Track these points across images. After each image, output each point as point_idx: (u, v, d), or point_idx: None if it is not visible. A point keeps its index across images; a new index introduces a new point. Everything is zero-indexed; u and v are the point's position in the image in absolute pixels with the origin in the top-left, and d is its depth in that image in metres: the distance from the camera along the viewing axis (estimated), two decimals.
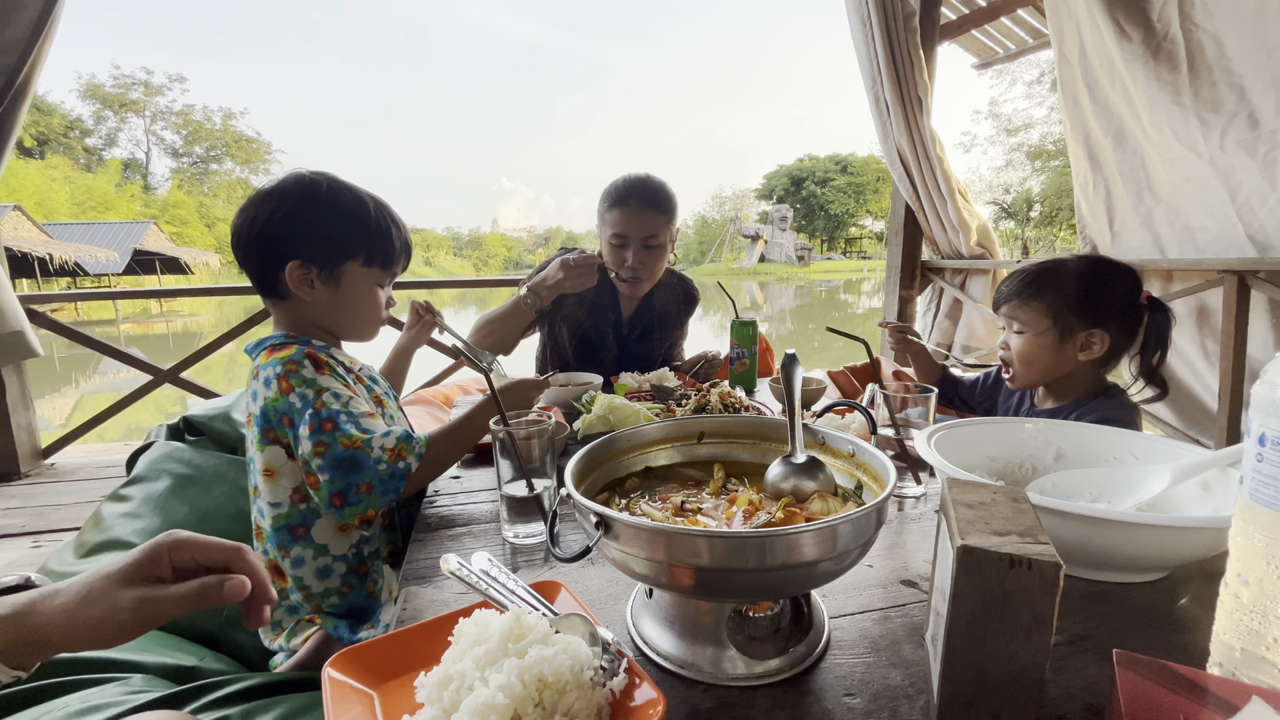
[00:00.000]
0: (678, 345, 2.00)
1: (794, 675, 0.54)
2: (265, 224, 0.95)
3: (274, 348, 0.96)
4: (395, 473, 0.89)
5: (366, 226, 1.00)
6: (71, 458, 3.02)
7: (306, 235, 0.96)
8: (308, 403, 0.89)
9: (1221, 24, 1.88)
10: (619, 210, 1.64)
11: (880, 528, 0.51)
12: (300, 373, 0.91)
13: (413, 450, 0.91)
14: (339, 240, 0.99)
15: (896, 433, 0.93)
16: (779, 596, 0.55)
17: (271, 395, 0.91)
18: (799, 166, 65.18)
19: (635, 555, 0.49)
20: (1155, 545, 0.62)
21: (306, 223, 0.96)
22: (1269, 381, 0.43)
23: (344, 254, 0.99)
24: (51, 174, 32.32)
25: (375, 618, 0.96)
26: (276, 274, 0.97)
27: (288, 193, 0.96)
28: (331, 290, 1.00)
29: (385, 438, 0.91)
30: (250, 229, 0.96)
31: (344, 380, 0.97)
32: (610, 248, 1.68)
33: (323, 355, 0.96)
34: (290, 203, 0.96)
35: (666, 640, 0.57)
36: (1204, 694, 0.41)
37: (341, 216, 0.99)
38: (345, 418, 0.89)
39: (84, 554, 1.21)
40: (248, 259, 0.98)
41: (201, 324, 18.19)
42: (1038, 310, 1.20)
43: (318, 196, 0.97)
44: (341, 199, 0.99)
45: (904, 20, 2.83)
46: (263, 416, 0.93)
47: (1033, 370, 1.23)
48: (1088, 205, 2.54)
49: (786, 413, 0.67)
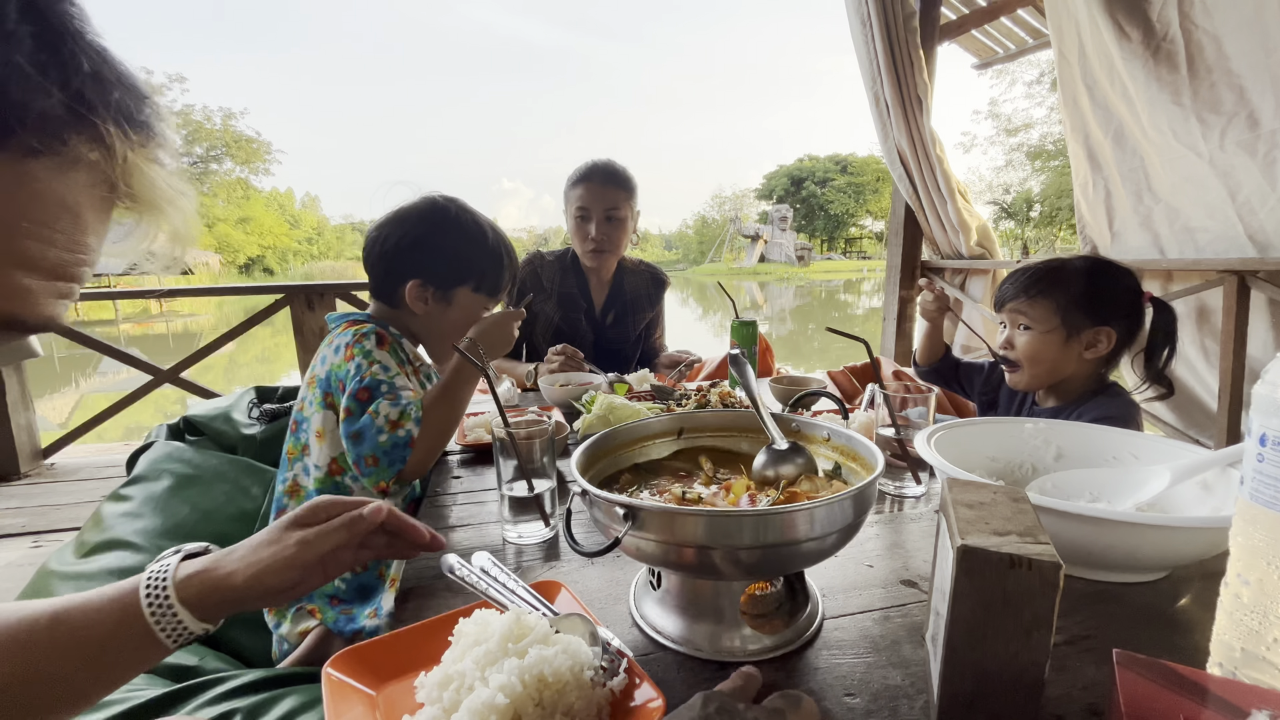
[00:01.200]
0: (655, 332, 2.04)
1: (790, 651, 0.57)
2: (396, 245, 1.05)
3: (354, 321, 1.05)
4: (397, 441, 0.91)
5: (484, 255, 1.10)
6: (71, 458, 3.02)
7: (430, 259, 1.06)
8: (360, 370, 0.95)
9: (1221, 24, 1.88)
10: (582, 186, 1.79)
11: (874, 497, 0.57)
12: (363, 343, 0.98)
13: (409, 417, 0.93)
14: (458, 266, 1.08)
15: (896, 433, 0.93)
16: (801, 568, 0.59)
17: (337, 361, 0.98)
18: (799, 166, 65.19)
19: (662, 541, 0.51)
20: (1155, 545, 0.62)
21: (432, 248, 1.06)
22: (1269, 381, 0.43)
23: (460, 279, 1.09)
24: None
25: (377, 603, 0.96)
26: (397, 288, 1.07)
27: (418, 214, 1.07)
28: (442, 309, 1.09)
29: (391, 411, 0.93)
30: (380, 246, 1.06)
31: (402, 359, 1.03)
32: (575, 222, 1.81)
33: (390, 337, 1.03)
34: (420, 227, 1.06)
35: (669, 620, 0.59)
36: (1204, 694, 0.41)
37: (463, 244, 1.08)
38: (386, 387, 0.94)
39: (84, 554, 1.21)
40: (373, 270, 1.09)
41: (201, 324, 18.19)
42: (1046, 308, 1.20)
43: (445, 223, 1.07)
44: (466, 228, 1.08)
45: (904, 20, 2.83)
46: (325, 380, 0.99)
47: (1039, 368, 1.23)
48: (1087, 205, 2.54)
49: (750, 406, 0.72)
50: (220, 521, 1.23)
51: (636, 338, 1.97)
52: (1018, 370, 1.26)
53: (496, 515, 0.89)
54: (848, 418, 1.09)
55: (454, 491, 0.99)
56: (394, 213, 1.08)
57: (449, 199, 1.10)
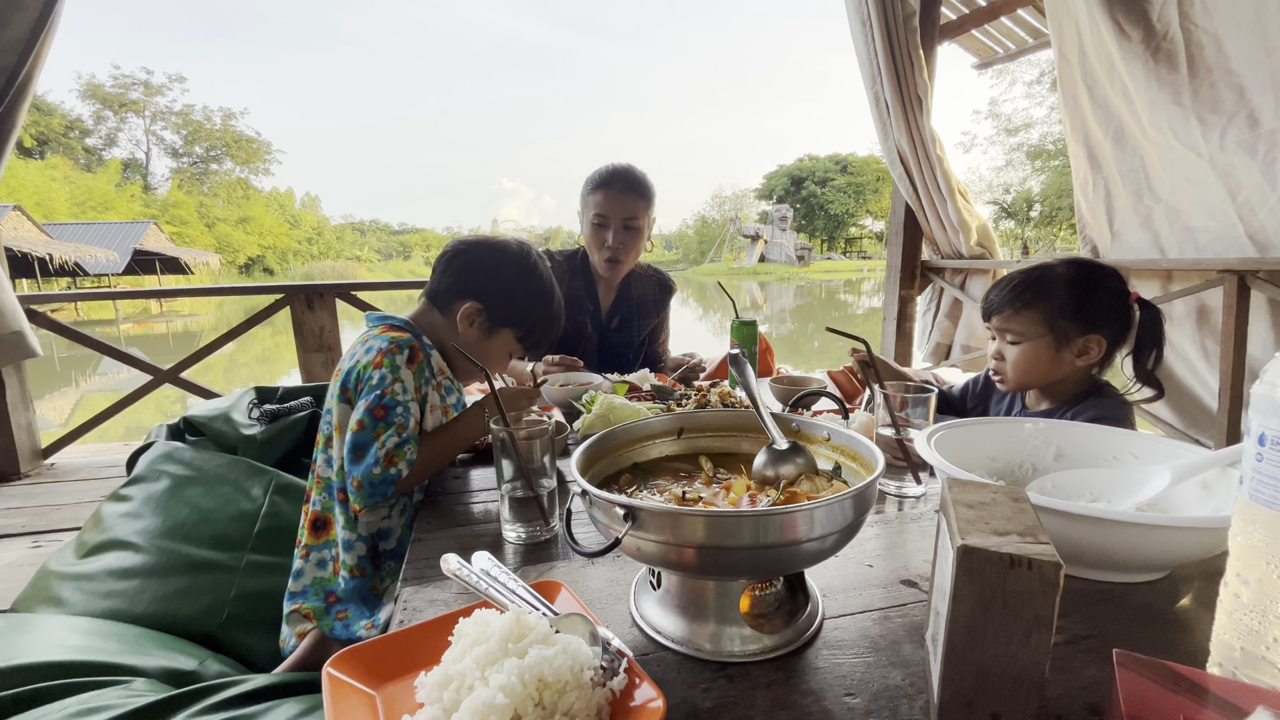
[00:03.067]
0: (660, 337, 2.03)
1: (790, 651, 0.57)
2: (480, 264, 1.12)
3: (392, 326, 1.07)
4: (386, 478, 0.92)
5: (543, 311, 1.16)
6: (71, 458, 3.02)
7: (498, 291, 1.11)
8: (383, 383, 0.97)
9: (1221, 24, 1.89)
10: (602, 193, 1.75)
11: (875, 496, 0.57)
12: (395, 356, 0.99)
13: (404, 456, 0.94)
14: (516, 310, 1.14)
15: (897, 433, 0.93)
16: (801, 568, 0.59)
17: (366, 361, 0.99)
18: (799, 166, 65.14)
19: (662, 542, 0.51)
20: (1155, 545, 0.62)
21: (505, 284, 1.12)
22: (1269, 381, 0.43)
23: (513, 322, 1.14)
24: (51, 174, 32.29)
25: (376, 616, 0.97)
26: (455, 300, 1.11)
27: (509, 252, 1.14)
28: (481, 338, 1.13)
29: (392, 442, 0.93)
30: (464, 257, 1.12)
31: (426, 378, 1.05)
32: (592, 228, 1.78)
33: (422, 353, 1.05)
34: (504, 260, 1.13)
35: (669, 620, 0.59)
36: (1204, 694, 0.41)
37: (531, 294, 1.15)
38: (400, 411, 0.96)
39: (84, 554, 1.21)
40: (443, 275, 1.13)
41: (201, 324, 18.19)
42: (1031, 319, 1.18)
43: (526, 268, 1.14)
44: (540, 281, 1.16)
45: (904, 20, 2.83)
46: (349, 375, 1.01)
47: (1029, 378, 1.23)
48: (1087, 205, 2.54)
49: (750, 406, 0.71)
50: (220, 521, 1.23)
51: (640, 343, 1.96)
52: (1008, 379, 1.25)
53: (496, 515, 0.89)
54: (848, 418, 1.09)
55: (454, 491, 0.99)
56: (493, 240, 1.16)
57: (541, 253, 1.20)
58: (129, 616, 1.08)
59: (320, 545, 1.04)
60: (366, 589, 1.00)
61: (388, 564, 1.02)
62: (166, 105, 47.96)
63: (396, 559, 1.02)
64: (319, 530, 1.04)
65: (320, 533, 1.04)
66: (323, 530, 1.05)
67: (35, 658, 0.84)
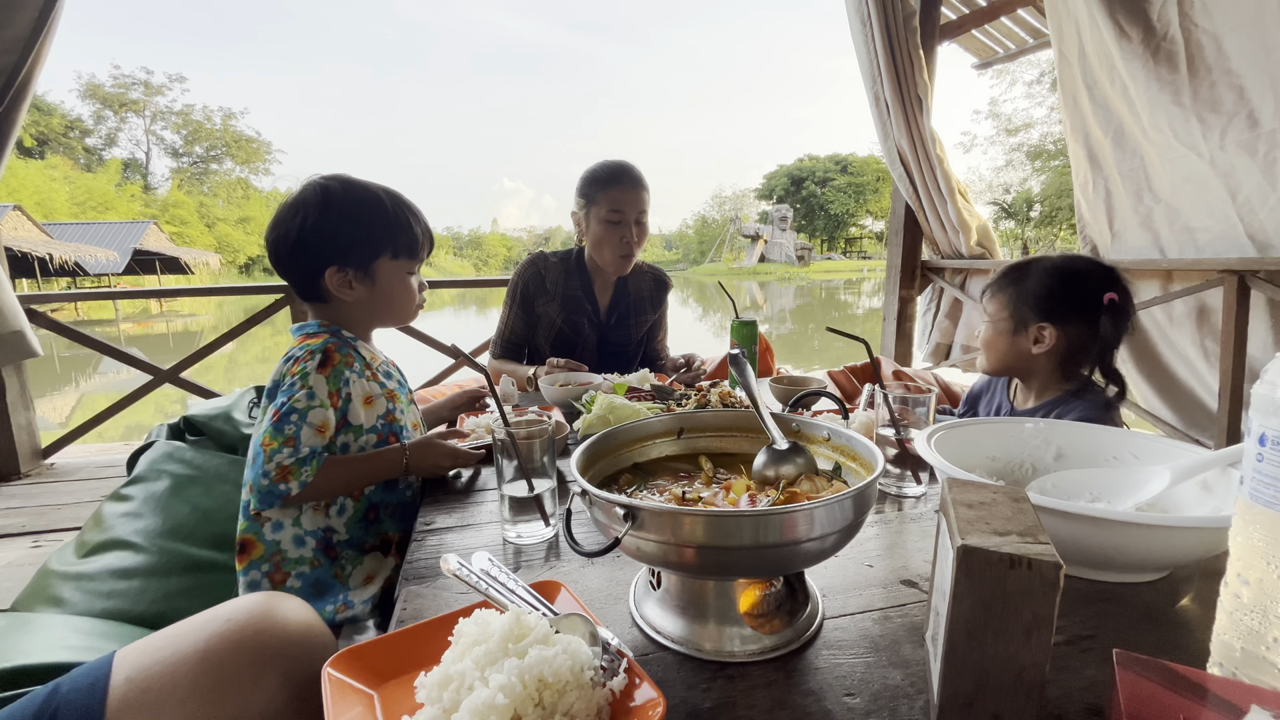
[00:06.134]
0: (658, 335, 2.03)
1: (790, 651, 0.57)
2: (298, 236, 1.02)
3: (309, 334, 1.04)
4: (274, 491, 0.92)
5: (387, 220, 1.06)
6: (71, 458, 3.02)
7: (336, 240, 1.03)
8: (292, 390, 0.95)
9: (1221, 24, 1.88)
10: (615, 189, 1.73)
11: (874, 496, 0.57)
12: (306, 364, 0.97)
13: (298, 476, 0.92)
14: (366, 239, 1.05)
15: (897, 433, 0.93)
16: (801, 568, 0.59)
17: (283, 370, 0.98)
18: (799, 166, 65.14)
19: (662, 542, 0.51)
20: (1155, 545, 0.62)
21: (333, 228, 1.03)
22: (1269, 381, 0.43)
23: (374, 251, 1.06)
24: (51, 174, 32.26)
25: (346, 598, 0.96)
26: (317, 280, 1.04)
27: (309, 202, 1.03)
28: (369, 287, 1.07)
29: (286, 455, 0.92)
30: (285, 242, 1.04)
31: (351, 375, 1.01)
32: (606, 225, 1.75)
33: (339, 353, 1.00)
34: (314, 211, 1.02)
35: (669, 620, 0.59)
36: (1204, 694, 0.41)
37: (362, 215, 1.05)
38: (296, 417, 0.94)
39: (84, 554, 1.21)
40: (289, 270, 1.06)
41: (201, 324, 18.19)
42: (1001, 302, 1.26)
43: (336, 200, 1.03)
44: (357, 198, 1.05)
45: (904, 20, 2.83)
46: (271, 384, 1.00)
47: (990, 355, 1.29)
48: (1088, 205, 2.54)
49: (750, 406, 0.72)
50: (220, 521, 1.23)
51: (639, 340, 1.96)
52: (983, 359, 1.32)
53: (496, 515, 0.89)
54: (848, 418, 1.09)
55: (454, 491, 0.99)
56: (284, 206, 1.05)
57: (330, 177, 1.06)
58: (129, 616, 1.08)
59: (246, 568, 0.98)
60: (328, 576, 0.99)
61: (345, 553, 1.01)
62: (166, 105, 47.98)
63: (353, 547, 1.02)
64: (251, 548, 0.98)
65: (253, 548, 0.98)
66: (252, 548, 0.98)
67: (35, 658, 0.84)
